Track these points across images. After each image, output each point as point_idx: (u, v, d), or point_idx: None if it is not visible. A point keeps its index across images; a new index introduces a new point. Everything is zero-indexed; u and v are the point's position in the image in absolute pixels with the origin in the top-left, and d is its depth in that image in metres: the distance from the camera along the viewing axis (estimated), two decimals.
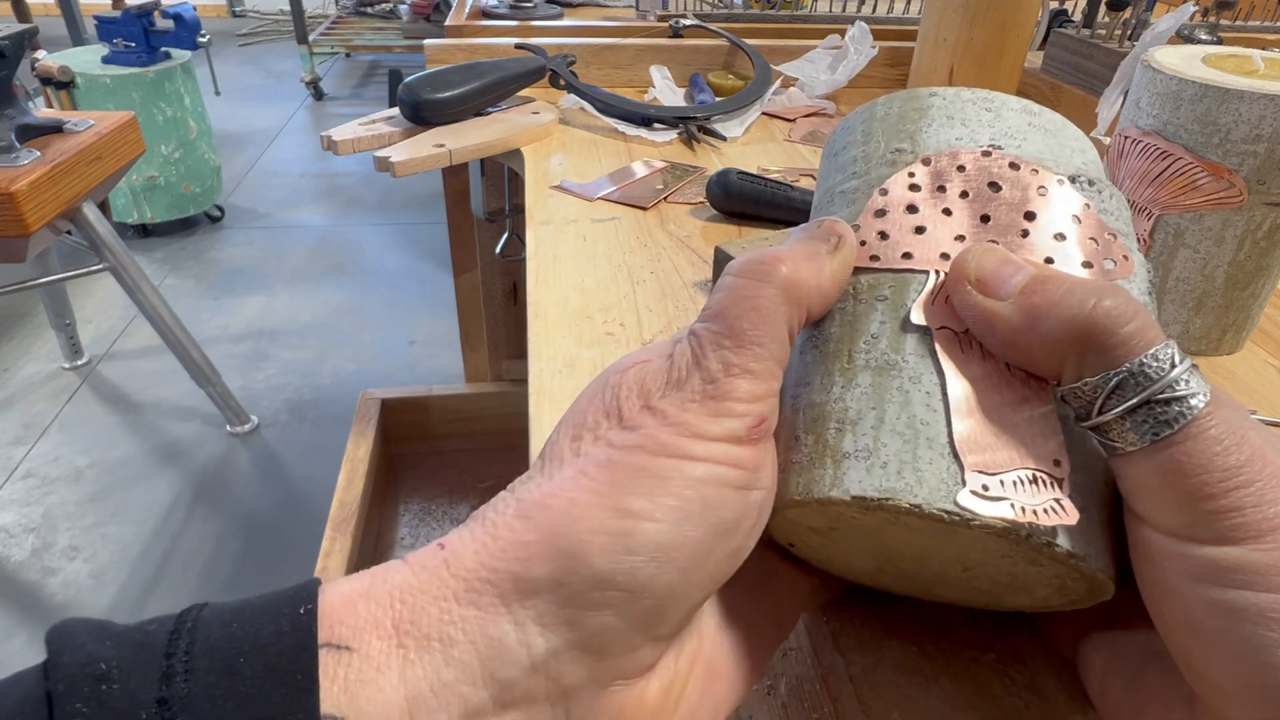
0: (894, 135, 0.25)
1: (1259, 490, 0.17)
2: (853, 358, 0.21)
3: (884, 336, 0.21)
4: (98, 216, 1.33)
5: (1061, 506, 0.19)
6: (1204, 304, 0.43)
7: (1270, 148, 0.38)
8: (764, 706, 0.25)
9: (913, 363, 0.21)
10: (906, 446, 0.20)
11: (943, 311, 0.21)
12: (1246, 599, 0.17)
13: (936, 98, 0.25)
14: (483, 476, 1.31)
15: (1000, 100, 0.25)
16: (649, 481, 0.18)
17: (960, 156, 0.23)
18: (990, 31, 0.70)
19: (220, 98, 3.22)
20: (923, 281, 0.22)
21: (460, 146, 0.68)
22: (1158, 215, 0.42)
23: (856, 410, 0.21)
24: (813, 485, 0.20)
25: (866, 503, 0.19)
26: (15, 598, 1.27)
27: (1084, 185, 0.23)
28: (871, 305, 0.22)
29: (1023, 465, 0.19)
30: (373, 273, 2.20)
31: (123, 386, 1.74)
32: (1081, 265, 0.22)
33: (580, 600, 0.17)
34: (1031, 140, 0.24)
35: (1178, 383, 0.18)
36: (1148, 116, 0.42)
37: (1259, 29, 0.94)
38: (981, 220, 0.22)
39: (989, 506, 0.18)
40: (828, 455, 0.20)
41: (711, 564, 0.19)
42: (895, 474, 0.19)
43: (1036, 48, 0.91)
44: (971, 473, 0.19)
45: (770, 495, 0.21)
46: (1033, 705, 0.25)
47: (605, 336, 0.43)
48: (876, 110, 0.26)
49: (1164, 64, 0.41)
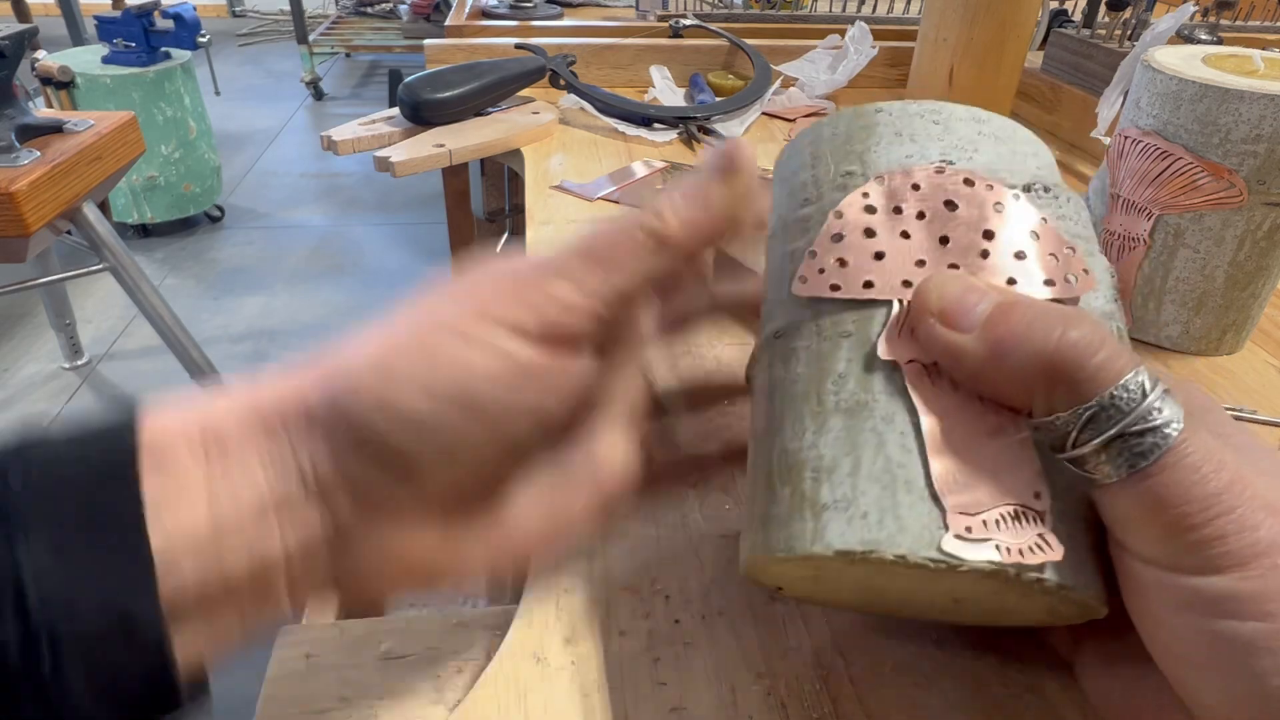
0: (843, 157, 0.24)
1: (1240, 516, 0.17)
2: (822, 400, 0.21)
3: (852, 375, 0.21)
4: (98, 216, 1.33)
5: (1046, 542, 0.19)
6: (1204, 304, 0.43)
7: (1270, 148, 0.38)
8: (764, 706, 0.25)
9: (883, 401, 0.20)
10: (885, 493, 0.19)
11: (909, 344, 0.21)
12: (1234, 628, 0.17)
13: (883, 114, 0.24)
14: None
15: (948, 110, 0.24)
16: (422, 355, 0.20)
17: (914, 174, 0.23)
18: (990, 31, 0.69)
19: (220, 98, 3.22)
20: (886, 313, 0.21)
21: (460, 146, 0.68)
22: (1158, 215, 0.42)
23: (831, 457, 0.20)
24: (794, 541, 0.20)
25: (850, 556, 0.19)
26: None
27: (1039, 194, 0.23)
28: (836, 342, 0.22)
29: (1003, 502, 0.19)
30: (373, 273, 2.20)
31: (123, 386, 1.74)
32: (1044, 284, 0.21)
33: (348, 447, 0.20)
34: (983, 150, 0.24)
35: (1151, 412, 0.18)
36: (1148, 116, 0.42)
37: (1259, 29, 0.94)
38: (941, 242, 0.22)
39: (974, 550, 0.18)
40: (806, 507, 0.20)
41: (469, 448, 0.20)
42: (876, 524, 0.19)
43: (1036, 48, 0.91)
44: (953, 515, 0.19)
45: (555, 399, 0.21)
46: (1033, 705, 0.25)
47: None
48: (823, 131, 0.25)
49: (1164, 64, 0.41)
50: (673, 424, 0.35)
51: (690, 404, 0.37)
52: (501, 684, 0.26)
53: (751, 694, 0.25)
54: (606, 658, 0.26)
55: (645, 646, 0.27)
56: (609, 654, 0.26)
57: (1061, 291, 0.21)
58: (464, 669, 0.27)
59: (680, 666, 0.26)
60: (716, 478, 0.33)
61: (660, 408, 0.36)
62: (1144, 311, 0.45)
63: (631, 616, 0.28)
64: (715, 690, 0.25)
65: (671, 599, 0.28)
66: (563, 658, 0.26)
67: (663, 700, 0.25)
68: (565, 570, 0.29)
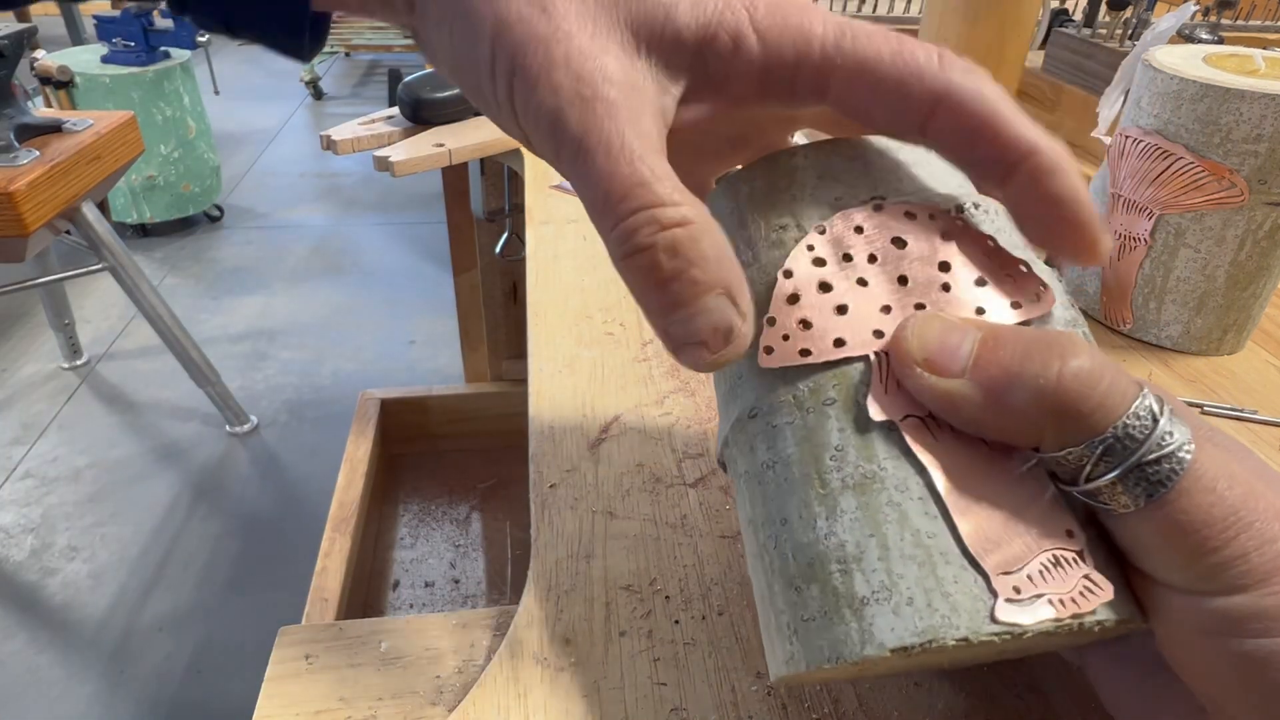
0: (771, 211, 0.22)
1: (1259, 531, 0.17)
2: (825, 480, 0.20)
3: (849, 446, 0.20)
4: (97, 216, 1.33)
5: (1094, 584, 0.18)
6: (1205, 304, 0.43)
7: (1271, 147, 0.38)
8: (764, 706, 0.25)
9: (891, 469, 0.19)
10: (924, 571, 0.18)
11: (899, 398, 0.20)
12: (1263, 646, 0.17)
13: (799, 158, 0.23)
14: (483, 476, 1.31)
15: (862, 144, 0.23)
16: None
17: (854, 216, 0.22)
18: (990, 31, 0.69)
19: (219, 97, 3.22)
20: (864, 370, 0.20)
21: (460, 146, 0.68)
22: (1159, 215, 0.42)
23: (855, 543, 0.19)
24: (841, 648, 0.18)
25: (908, 651, 0.17)
26: (15, 598, 1.27)
27: (973, 210, 0.22)
28: (822, 413, 0.20)
29: (1041, 549, 0.18)
30: (372, 272, 2.20)
31: (122, 386, 1.74)
32: (1011, 307, 0.21)
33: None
34: (907, 178, 0.23)
35: (1164, 437, 0.17)
36: (1149, 116, 0.42)
37: (1260, 28, 0.94)
38: (900, 282, 0.21)
39: (1029, 612, 0.17)
40: (844, 605, 0.19)
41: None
42: (927, 608, 0.18)
43: (1037, 47, 0.91)
44: (998, 579, 0.18)
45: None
46: (1033, 705, 0.25)
47: (605, 336, 0.43)
48: (740, 189, 0.23)
49: (1165, 64, 0.41)
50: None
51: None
52: (501, 684, 0.26)
53: (751, 694, 0.25)
54: (606, 658, 0.26)
55: (645, 646, 0.27)
56: (609, 654, 0.26)
57: (1028, 311, 0.21)
58: (464, 669, 0.27)
59: (680, 666, 0.26)
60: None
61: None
62: (1145, 311, 0.45)
63: (631, 616, 0.28)
64: (715, 690, 0.25)
65: (671, 599, 0.28)
66: (563, 658, 0.26)
67: (663, 700, 0.25)
68: (565, 570, 0.29)
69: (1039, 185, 0.20)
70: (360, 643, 0.28)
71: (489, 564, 1.18)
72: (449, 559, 1.18)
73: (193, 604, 1.27)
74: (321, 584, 0.96)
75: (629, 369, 0.40)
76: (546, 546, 0.30)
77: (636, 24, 0.20)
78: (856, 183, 0.22)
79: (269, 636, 0.28)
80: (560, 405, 0.38)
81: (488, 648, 0.28)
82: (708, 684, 0.26)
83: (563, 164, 0.20)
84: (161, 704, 1.12)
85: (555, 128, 0.19)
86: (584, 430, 0.36)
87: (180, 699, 1.13)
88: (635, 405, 0.38)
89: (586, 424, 0.37)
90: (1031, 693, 0.26)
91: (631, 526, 0.31)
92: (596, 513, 0.32)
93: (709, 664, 0.26)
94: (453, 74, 0.22)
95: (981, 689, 0.26)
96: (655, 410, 0.37)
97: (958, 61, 0.20)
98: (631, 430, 0.36)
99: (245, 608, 1.27)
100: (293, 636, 0.28)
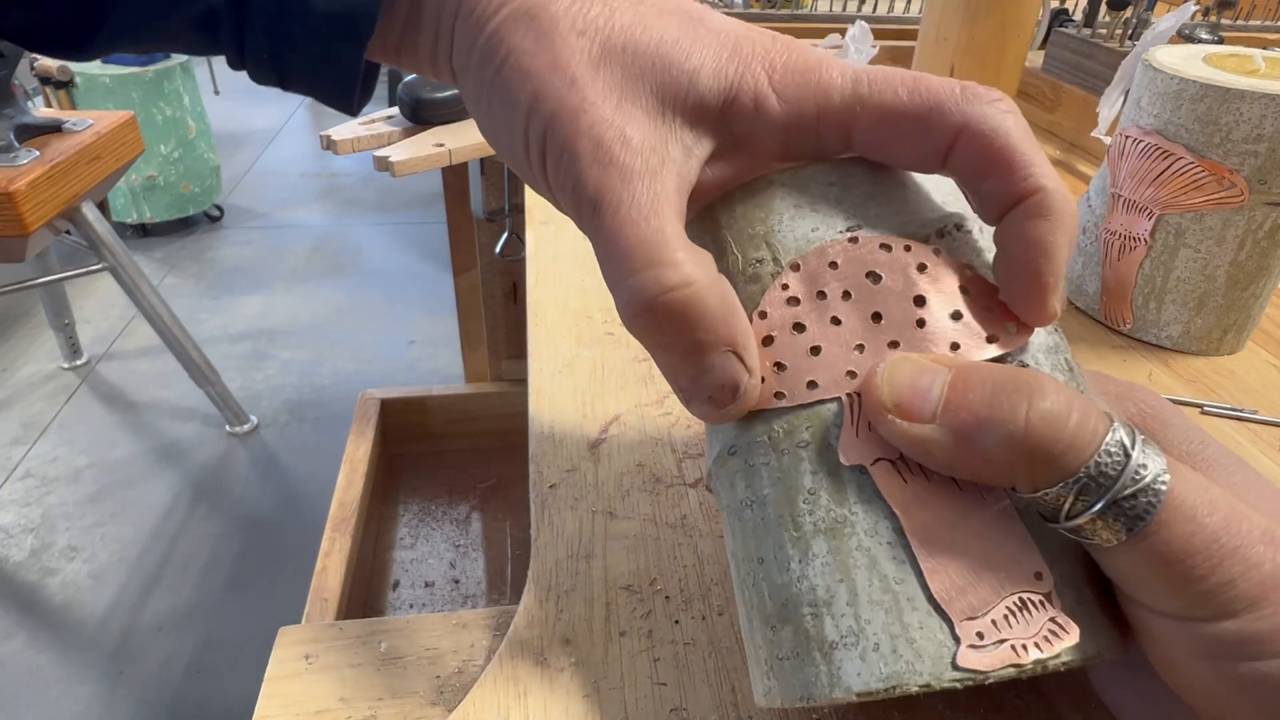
0: (747, 243, 0.22)
1: (1244, 555, 0.17)
2: (799, 523, 0.20)
3: (822, 490, 0.20)
4: (97, 216, 1.33)
5: (1060, 626, 0.18)
6: (1205, 304, 0.43)
7: (1271, 147, 0.38)
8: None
9: (862, 513, 0.20)
10: (890, 617, 0.19)
11: (870, 442, 0.20)
12: (1258, 669, 0.17)
13: (775, 186, 0.23)
14: (482, 476, 1.31)
15: (842, 169, 0.23)
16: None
17: (828, 252, 0.22)
18: (990, 31, 0.69)
19: (219, 97, 3.22)
20: (837, 412, 0.20)
21: (460, 146, 0.68)
22: (1159, 215, 0.42)
23: (825, 587, 0.19)
24: (811, 689, 0.19)
25: (872, 695, 0.18)
26: (15, 598, 1.27)
27: (954, 235, 0.22)
28: (797, 455, 0.21)
29: (1006, 594, 0.18)
30: (372, 272, 2.20)
31: (122, 386, 1.74)
32: (987, 341, 0.21)
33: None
34: (888, 201, 0.22)
35: (1137, 471, 0.17)
36: (1149, 116, 0.42)
37: (1260, 28, 0.94)
38: (874, 319, 0.21)
39: (991, 658, 0.18)
40: (814, 648, 0.19)
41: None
42: (891, 654, 0.18)
43: (1037, 47, 0.91)
44: (961, 625, 0.18)
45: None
46: (1033, 706, 0.25)
47: (605, 336, 0.43)
48: (719, 217, 0.23)
49: (1165, 63, 0.41)
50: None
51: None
52: (501, 684, 0.26)
53: (751, 694, 0.25)
54: (606, 658, 0.26)
55: (645, 646, 0.27)
56: (609, 654, 0.26)
57: (1005, 345, 0.21)
58: (464, 669, 0.27)
59: (680, 666, 0.26)
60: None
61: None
62: (1145, 311, 0.45)
63: (631, 616, 0.28)
64: (715, 690, 0.25)
65: (671, 599, 0.28)
66: (563, 658, 0.26)
67: (663, 700, 0.25)
68: (565, 570, 0.29)
69: (1027, 222, 0.20)
70: (360, 643, 0.28)
71: (489, 564, 1.18)
72: (449, 559, 1.18)
73: (193, 604, 1.27)
74: (321, 584, 0.96)
75: (629, 369, 0.40)
76: (546, 546, 0.30)
77: (662, 92, 0.21)
78: (832, 213, 0.22)
79: (269, 636, 0.28)
80: (560, 405, 0.38)
81: (488, 648, 0.28)
82: (708, 684, 0.26)
83: (583, 223, 0.21)
84: (161, 704, 1.12)
85: (576, 190, 0.21)
86: (584, 430, 0.36)
87: (180, 699, 1.13)
88: (635, 405, 0.38)
89: (586, 424, 0.37)
90: (1032, 693, 0.26)
91: (631, 526, 0.31)
92: (596, 513, 0.32)
93: (709, 664, 0.26)
94: (492, 138, 0.24)
95: (982, 690, 0.26)
96: (655, 410, 0.37)
97: (983, 92, 0.20)
98: (631, 430, 0.36)
99: (245, 608, 1.27)
100: (293, 636, 0.28)
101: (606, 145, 0.20)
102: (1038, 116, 0.83)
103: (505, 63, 0.22)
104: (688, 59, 0.21)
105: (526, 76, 0.21)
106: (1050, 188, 0.20)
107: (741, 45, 0.22)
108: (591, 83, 0.21)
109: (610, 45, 0.21)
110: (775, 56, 0.22)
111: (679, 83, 0.21)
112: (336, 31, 0.24)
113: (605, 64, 0.21)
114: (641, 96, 0.21)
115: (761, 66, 0.21)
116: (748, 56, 0.22)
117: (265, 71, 0.26)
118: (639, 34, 0.21)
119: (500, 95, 0.22)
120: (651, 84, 0.21)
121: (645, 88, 0.21)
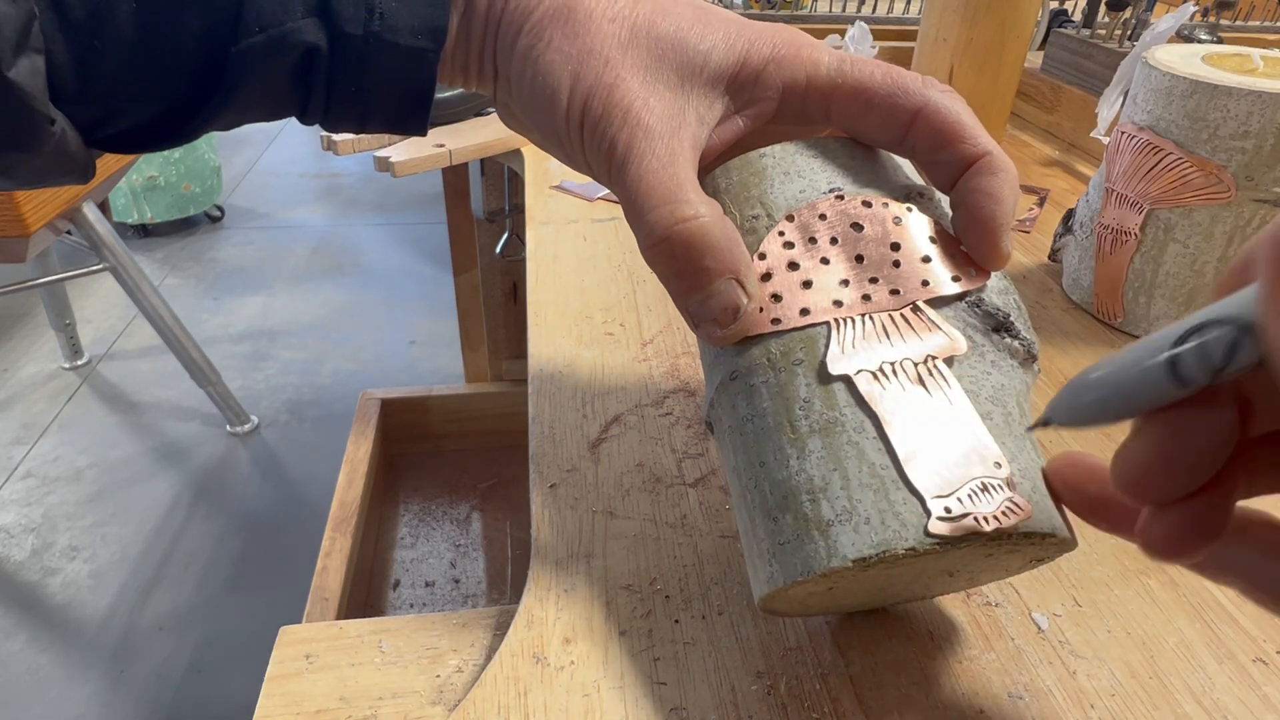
0: (744, 203, 0.26)
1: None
2: (795, 426, 0.23)
3: (815, 398, 0.23)
4: (97, 216, 1.33)
5: (1016, 505, 0.21)
6: (1194, 299, 0.43)
7: (1258, 144, 0.38)
8: (764, 706, 0.25)
9: (849, 414, 0.23)
10: (878, 496, 0.21)
11: (854, 356, 0.23)
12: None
13: (767, 158, 0.27)
14: (483, 476, 1.31)
15: (820, 144, 0.27)
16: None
17: (819, 206, 0.25)
18: (990, 31, 0.69)
19: None
20: (826, 333, 0.24)
21: (460, 146, 0.68)
22: (1149, 210, 0.42)
23: (821, 476, 0.22)
24: (811, 561, 0.22)
25: (866, 562, 0.21)
26: (15, 598, 1.27)
27: (918, 199, 0.26)
28: (792, 372, 0.24)
29: (971, 478, 0.21)
30: (372, 272, 2.20)
31: (122, 386, 1.74)
32: (952, 280, 0.24)
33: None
34: (862, 172, 0.26)
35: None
36: (1142, 112, 0.42)
37: (1259, 29, 0.94)
38: (857, 260, 0.25)
39: (957, 527, 0.21)
40: (813, 527, 0.22)
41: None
42: (881, 525, 0.21)
43: (1036, 48, 0.91)
44: (932, 500, 0.21)
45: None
46: (1033, 705, 0.25)
47: (605, 336, 0.43)
48: (718, 183, 0.27)
49: (1159, 61, 0.41)
50: None
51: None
52: (501, 684, 0.26)
53: (751, 694, 0.25)
54: (606, 658, 0.26)
55: (645, 646, 0.27)
56: (609, 654, 0.26)
57: (967, 284, 0.24)
58: (464, 669, 0.27)
59: (680, 666, 0.26)
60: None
61: None
62: (1135, 305, 0.45)
63: (631, 616, 0.28)
64: (715, 690, 0.25)
65: (671, 599, 0.28)
66: (563, 658, 0.26)
67: (663, 700, 0.25)
68: (565, 570, 0.29)
69: (978, 178, 0.24)
70: (360, 642, 0.28)
71: (489, 564, 1.18)
72: (449, 559, 1.18)
73: (193, 604, 1.27)
74: (322, 584, 0.96)
75: (629, 369, 0.40)
76: (546, 546, 0.30)
77: (681, 69, 0.25)
78: (817, 178, 0.26)
79: (269, 636, 0.28)
80: (560, 405, 0.38)
81: (488, 647, 0.28)
82: (708, 684, 0.26)
83: (611, 177, 0.25)
84: (161, 704, 1.13)
85: (609, 150, 0.25)
86: (584, 430, 0.36)
87: (180, 699, 1.13)
88: (635, 405, 0.38)
89: (586, 424, 0.37)
90: (1031, 693, 0.26)
91: (631, 526, 0.31)
92: (596, 512, 0.32)
93: (709, 664, 0.26)
94: (531, 116, 0.27)
95: (982, 689, 0.26)
96: (655, 410, 0.37)
97: (937, 84, 0.25)
98: (631, 430, 0.36)
99: (246, 607, 1.27)
100: (293, 636, 0.28)
101: (635, 112, 0.24)
102: (1037, 117, 0.83)
103: (548, 49, 0.25)
104: (702, 40, 0.25)
105: (567, 59, 0.25)
106: (995, 151, 0.24)
107: (746, 28, 0.26)
108: (622, 62, 0.25)
109: (636, 31, 0.25)
110: (775, 35, 0.26)
111: (695, 61, 0.25)
112: (419, 46, 0.26)
113: (633, 47, 0.25)
114: (664, 73, 0.25)
115: (763, 42, 0.26)
116: (752, 36, 0.26)
117: (347, 106, 0.27)
118: (660, 21, 0.25)
119: (544, 77, 0.25)
120: (672, 62, 0.25)
121: (666, 65, 0.25)
